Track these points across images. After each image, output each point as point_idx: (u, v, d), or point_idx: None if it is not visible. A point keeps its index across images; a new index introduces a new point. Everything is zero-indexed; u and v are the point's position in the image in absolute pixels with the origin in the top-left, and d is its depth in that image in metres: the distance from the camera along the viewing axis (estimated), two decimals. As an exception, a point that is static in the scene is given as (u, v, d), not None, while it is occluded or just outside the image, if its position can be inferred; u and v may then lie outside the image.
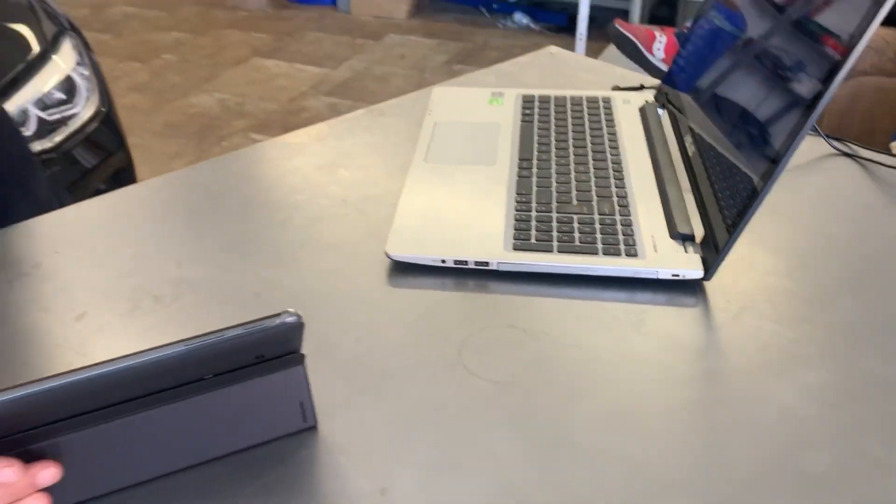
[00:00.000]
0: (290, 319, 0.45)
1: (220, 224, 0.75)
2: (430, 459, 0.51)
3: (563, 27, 4.01)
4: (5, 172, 0.88)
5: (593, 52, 2.77)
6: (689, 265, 0.65)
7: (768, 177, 0.58)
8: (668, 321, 0.62)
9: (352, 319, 0.63)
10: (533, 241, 0.68)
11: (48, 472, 0.43)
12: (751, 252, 0.70)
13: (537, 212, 0.72)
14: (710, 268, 0.64)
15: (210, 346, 0.44)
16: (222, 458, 0.50)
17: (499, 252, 0.67)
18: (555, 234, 0.69)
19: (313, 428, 0.52)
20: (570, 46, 2.59)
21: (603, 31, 2.76)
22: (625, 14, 3.60)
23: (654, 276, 0.65)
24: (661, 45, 2.47)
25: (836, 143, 0.86)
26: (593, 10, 3.60)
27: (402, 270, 0.68)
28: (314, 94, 3.36)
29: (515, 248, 0.67)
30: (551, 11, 4.14)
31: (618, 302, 0.64)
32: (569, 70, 1.08)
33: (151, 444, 0.48)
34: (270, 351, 0.47)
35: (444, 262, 0.67)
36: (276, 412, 0.50)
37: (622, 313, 0.63)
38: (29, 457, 0.43)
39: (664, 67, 2.31)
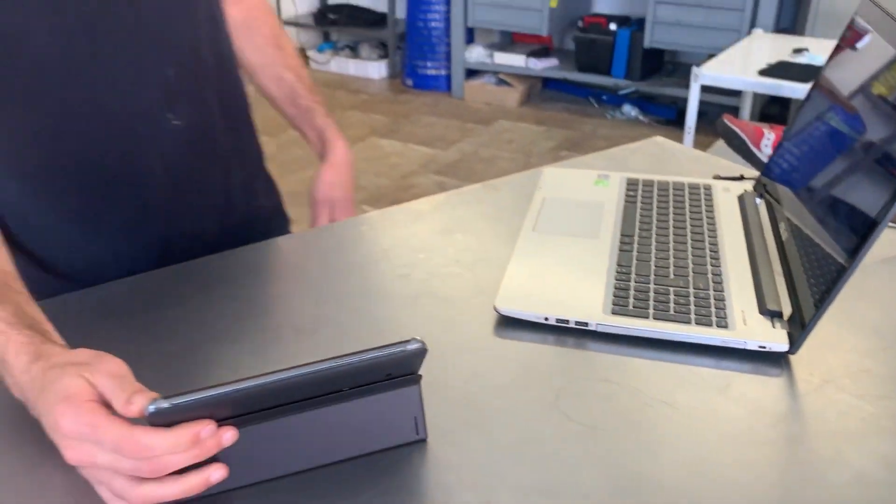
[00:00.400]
0: (415, 346, 0.54)
1: (350, 274, 0.86)
2: (529, 484, 0.57)
3: (671, 120, 4.09)
4: None
5: (701, 145, 2.82)
6: (775, 339, 0.70)
7: (853, 259, 0.64)
8: (752, 387, 0.67)
9: (462, 363, 0.71)
10: (630, 307, 0.75)
11: (229, 435, 0.53)
12: (837, 331, 0.74)
13: (636, 282, 0.79)
14: (795, 342, 0.69)
15: (352, 364, 0.53)
16: (347, 461, 0.59)
17: (598, 315, 0.74)
18: (651, 302, 0.75)
19: (424, 441, 0.60)
20: (679, 139, 2.65)
21: (712, 125, 2.82)
22: (735, 110, 3.65)
23: (742, 347, 0.70)
24: (769, 141, 2.51)
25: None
26: (703, 105, 3.67)
27: (508, 324, 0.76)
28: (424, 172, 3.54)
29: (614, 312, 0.74)
30: (660, 105, 4.24)
31: (706, 367, 0.70)
32: (673, 159, 1.15)
33: (297, 442, 0.57)
34: (397, 370, 0.56)
35: (546, 319, 0.75)
36: (395, 423, 0.59)
37: (710, 377, 0.69)
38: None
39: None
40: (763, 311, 0.73)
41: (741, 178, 1.02)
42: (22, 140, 0.80)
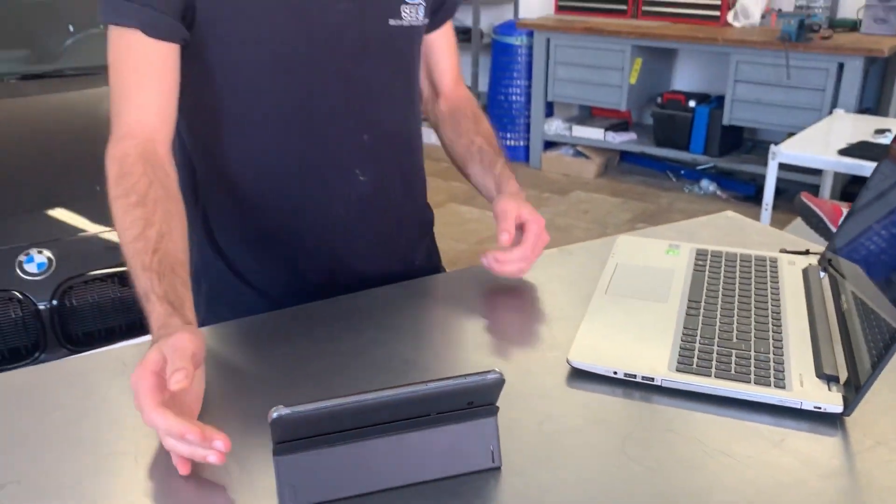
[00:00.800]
0: (494, 376, 0.62)
1: (439, 326, 0.95)
2: (593, 515, 0.64)
3: (750, 196, 4.10)
4: None
5: (779, 223, 2.83)
6: (830, 401, 0.75)
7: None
8: (807, 444, 0.73)
9: (536, 406, 0.78)
10: (694, 365, 0.81)
11: (212, 457, 0.66)
12: (892, 396, 0.78)
13: (700, 343, 0.85)
14: (849, 405, 0.74)
15: (439, 388, 0.62)
16: (426, 483, 0.66)
17: (664, 371, 0.81)
18: (714, 362, 0.82)
19: (498, 469, 0.68)
20: (756, 216, 2.67)
21: (791, 203, 2.83)
22: (815, 189, 3.64)
23: (798, 406, 0.76)
24: (846, 220, 2.51)
25: None
26: (783, 182, 3.68)
27: (580, 376, 0.83)
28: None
29: (678, 370, 0.81)
30: (739, 181, 4.25)
31: (764, 423, 0.75)
32: (742, 233, 1.22)
33: (385, 462, 0.65)
34: (478, 399, 0.64)
35: (615, 373, 0.82)
36: (474, 451, 0.67)
37: (767, 432, 0.74)
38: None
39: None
40: (820, 374, 0.79)
41: (807, 252, 1.07)
42: (241, 165, 1.02)
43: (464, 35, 4.81)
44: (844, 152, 2.72)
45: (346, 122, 1.02)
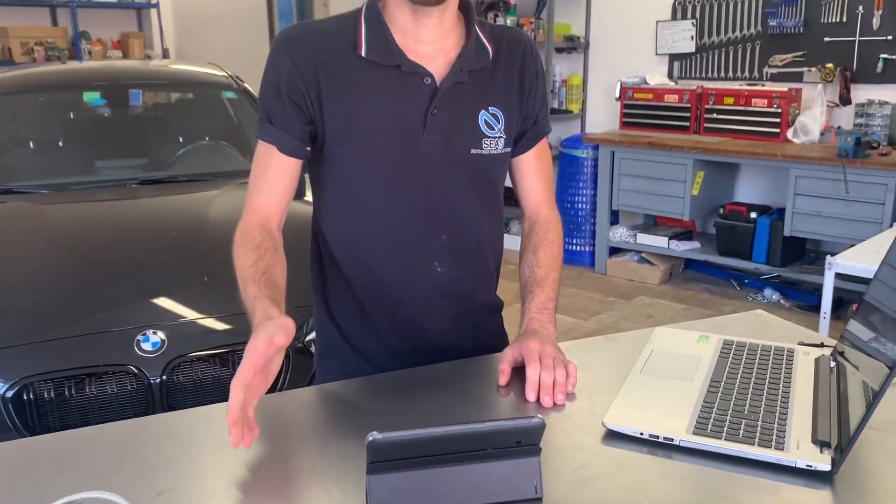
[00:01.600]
0: (538, 420, 0.81)
1: (498, 394, 1.14)
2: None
3: (813, 306, 4.15)
4: None
5: (838, 331, 2.91)
6: (820, 461, 0.90)
7: (882, 387, 0.85)
8: (799, 496, 0.87)
9: (575, 457, 0.96)
10: (709, 430, 0.98)
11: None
12: (878, 461, 0.93)
13: (716, 413, 1.02)
14: (836, 465, 0.89)
15: (494, 427, 0.81)
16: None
17: (682, 433, 0.98)
18: (726, 428, 0.98)
19: (539, 500, 0.85)
20: (816, 325, 2.76)
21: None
22: (876, 300, 3.68)
23: (793, 465, 0.91)
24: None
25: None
26: (847, 293, 3.75)
27: (613, 436, 1.00)
28: (563, 339, 3.79)
29: (695, 433, 0.97)
30: (803, 291, 4.32)
31: (764, 478, 0.91)
32: (769, 328, 1.38)
33: (453, 486, 0.83)
34: (525, 440, 0.83)
35: (642, 434, 0.99)
36: (520, 483, 0.85)
37: (765, 483, 0.89)
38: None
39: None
40: (815, 440, 0.94)
41: (821, 345, 1.23)
42: (347, 253, 1.28)
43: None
44: (900, 264, 2.80)
45: (427, 224, 1.27)
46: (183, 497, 0.88)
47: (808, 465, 0.90)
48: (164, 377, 2.04)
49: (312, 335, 2.14)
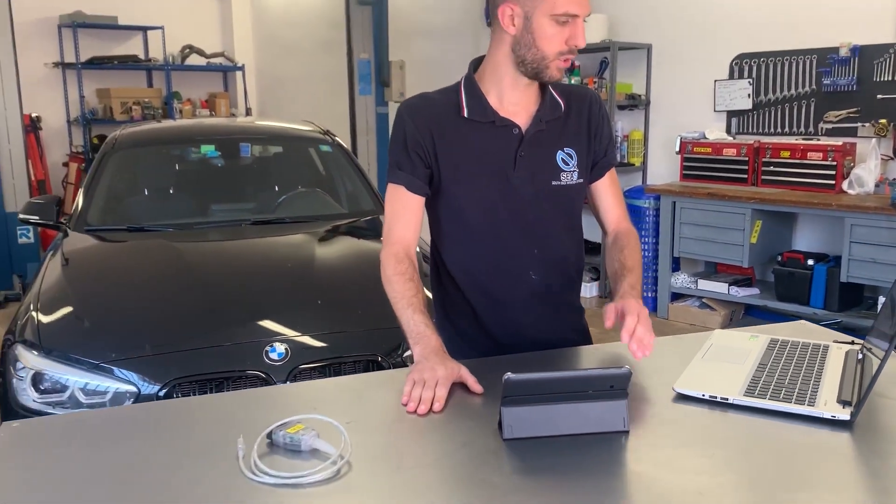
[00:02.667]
0: (626, 369, 1.12)
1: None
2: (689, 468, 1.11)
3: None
4: None
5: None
6: (841, 413, 1.19)
7: (886, 355, 1.14)
8: (826, 437, 1.16)
9: (653, 411, 1.26)
10: (756, 392, 1.27)
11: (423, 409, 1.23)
12: (888, 422, 1.21)
13: (762, 383, 1.31)
14: (853, 416, 1.17)
15: (596, 373, 1.12)
16: (586, 435, 1.15)
17: (735, 394, 1.27)
18: (770, 390, 1.27)
19: (627, 432, 1.15)
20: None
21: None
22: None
23: (820, 416, 1.20)
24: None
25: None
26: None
27: (681, 399, 1.30)
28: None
29: (745, 394, 1.27)
30: (862, 335, 4.47)
31: (799, 426, 1.19)
32: (812, 334, 1.65)
33: (565, 417, 1.14)
34: (616, 385, 1.14)
35: (703, 395, 1.28)
36: (613, 417, 1.15)
37: (800, 429, 1.18)
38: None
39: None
40: (839, 400, 1.23)
41: (852, 342, 1.50)
42: (458, 267, 1.63)
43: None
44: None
45: (522, 241, 1.61)
46: (365, 426, 1.21)
47: (832, 416, 1.19)
48: (288, 382, 2.39)
49: (409, 352, 2.48)
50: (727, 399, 1.27)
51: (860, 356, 1.43)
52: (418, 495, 1.03)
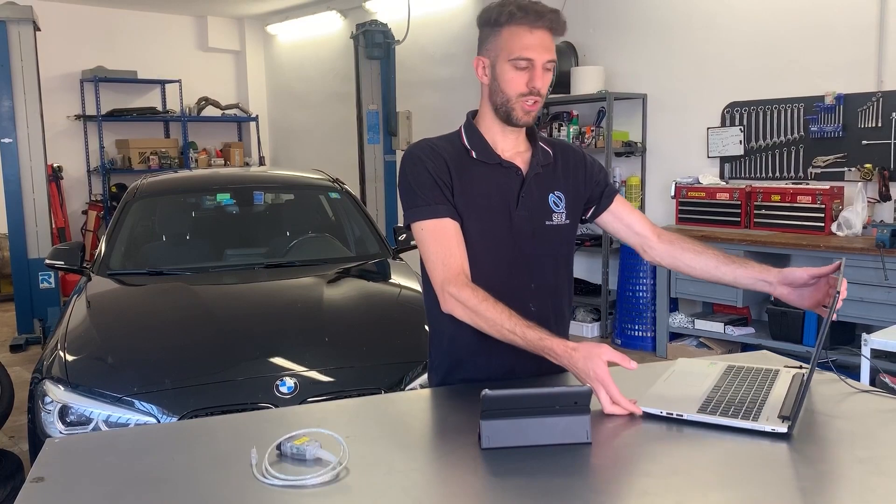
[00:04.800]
0: (586, 388, 1.30)
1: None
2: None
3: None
4: None
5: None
6: (780, 426, 1.35)
7: (809, 374, 1.31)
8: (767, 449, 1.32)
9: (616, 425, 1.43)
10: (709, 409, 1.44)
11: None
12: (824, 434, 1.37)
13: (714, 402, 1.47)
14: (790, 428, 1.34)
15: (562, 391, 1.30)
16: (552, 445, 1.31)
17: (691, 411, 1.44)
18: (721, 408, 1.44)
19: (590, 444, 1.32)
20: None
21: None
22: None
23: (762, 429, 1.36)
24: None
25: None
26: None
27: (643, 417, 1.47)
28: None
29: (699, 411, 1.44)
30: (854, 373, 4.59)
31: (744, 437, 1.36)
32: (766, 360, 1.82)
33: (535, 429, 1.31)
34: (579, 401, 1.31)
35: (662, 412, 1.45)
36: (577, 430, 1.32)
37: (744, 441, 1.34)
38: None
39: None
40: (779, 416, 1.39)
41: (800, 366, 1.67)
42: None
43: (594, 241, 5.63)
44: (928, 340, 3.16)
45: (522, 275, 1.76)
46: (362, 439, 1.39)
47: (772, 429, 1.35)
48: (297, 414, 2.56)
49: (412, 384, 2.65)
50: (682, 415, 1.43)
51: (804, 377, 1.60)
52: (406, 495, 1.20)
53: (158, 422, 2.50)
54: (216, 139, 9.59)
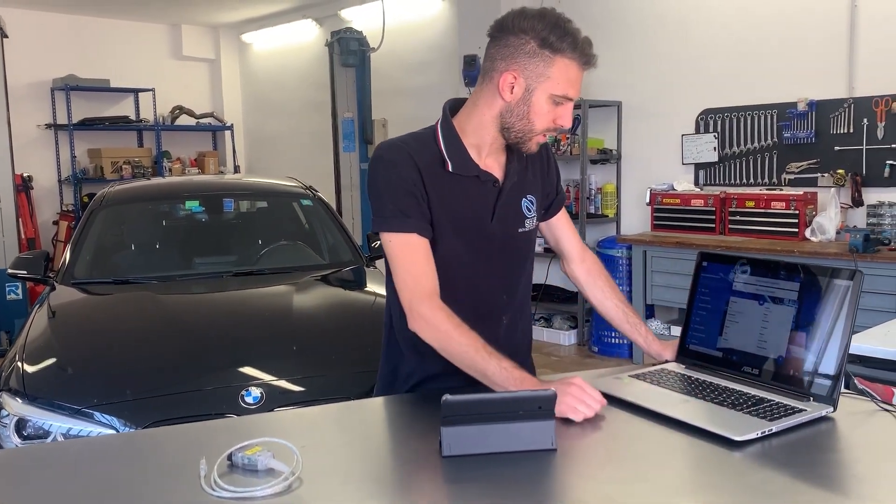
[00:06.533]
0: (551, 392, 1.25)
1: (528, 400, 1.58)
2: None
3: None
4: None
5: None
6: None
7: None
8: (735, 454, 1.28)
9: (577, 438, 1.38)
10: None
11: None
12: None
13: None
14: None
15: (525, 395, 1.25)
16: (517, 452, 1.27)
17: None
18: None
19: (555, 450, 1.27)
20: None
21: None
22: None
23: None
24: (900, 398, 2.94)
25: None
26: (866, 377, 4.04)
27: (607, 419, 1.43)
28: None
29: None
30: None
31: (712, 442, 1.32)
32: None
33: (497, 436, 1.26)
34: (544, 406, 1.26)
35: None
36: (542, 436, 1.27)
37: (713, 445, 1.31)
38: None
39: None
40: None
41: (666, 361, 1.71)
42: (445, 302, 1.55)
43: (573, 248, 5.60)
44: (901, 343, 3.15)
45: (495, 287, 1.70)
46: (318, 448, 1.33)
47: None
48: (263, 424, 2.49)
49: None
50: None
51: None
52: (361, 505, 1.15)
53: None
54: (191, 148, 9.49)
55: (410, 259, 1.57)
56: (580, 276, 1.88)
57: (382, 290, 3.27)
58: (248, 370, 2.69)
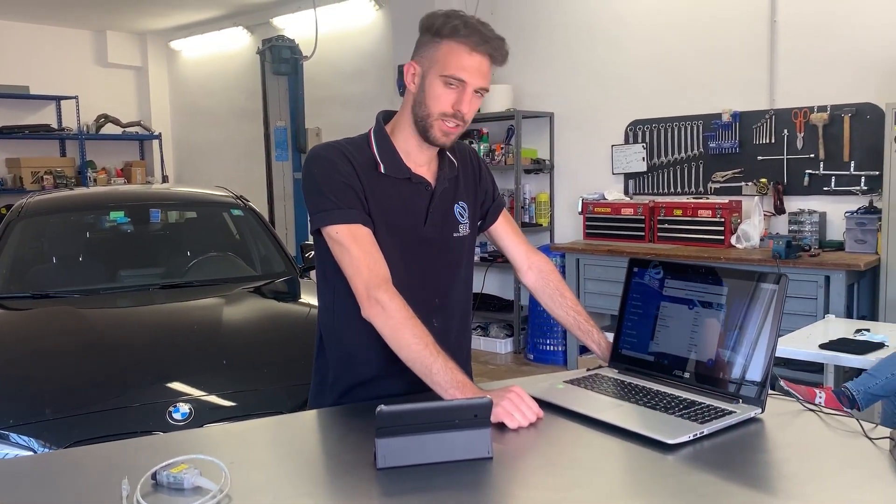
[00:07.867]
0: (486, 400, 1.24)
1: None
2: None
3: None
4: None
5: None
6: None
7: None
8: (668, 458, 1.29)
9: (514, 446, 1.37)
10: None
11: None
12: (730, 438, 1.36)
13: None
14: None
15: (460, 403, 1.24)
16: (454, 462, 1.25)
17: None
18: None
19: (491, 458, 1.26)
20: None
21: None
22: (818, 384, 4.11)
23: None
24: (821, 399, 3.04)
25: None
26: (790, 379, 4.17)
27: (545, 425, 1.42)
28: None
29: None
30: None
31: (647, 446, 1.33)
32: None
33: (432, 446, 1.24)
34: (480, 414, 1.25)
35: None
36: (478, 445, 1.26)
37: (648, 450, 1.31)
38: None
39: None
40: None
41: (599, 367, 1.72)
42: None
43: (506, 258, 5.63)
44: (825, 346, 3.27)
45: (426, 291, 1.68)
46: (248, 464, 1.29)
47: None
48: (192, 441, 2.41)
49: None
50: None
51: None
52: (293, 523, 1.11)
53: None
54: (117, 158, 9.20)
55: (361, 247, 1.57)
56: (530, 285, 1.89)
57: (316, 302, 3.26)
58: (176, 385, 2.60)
